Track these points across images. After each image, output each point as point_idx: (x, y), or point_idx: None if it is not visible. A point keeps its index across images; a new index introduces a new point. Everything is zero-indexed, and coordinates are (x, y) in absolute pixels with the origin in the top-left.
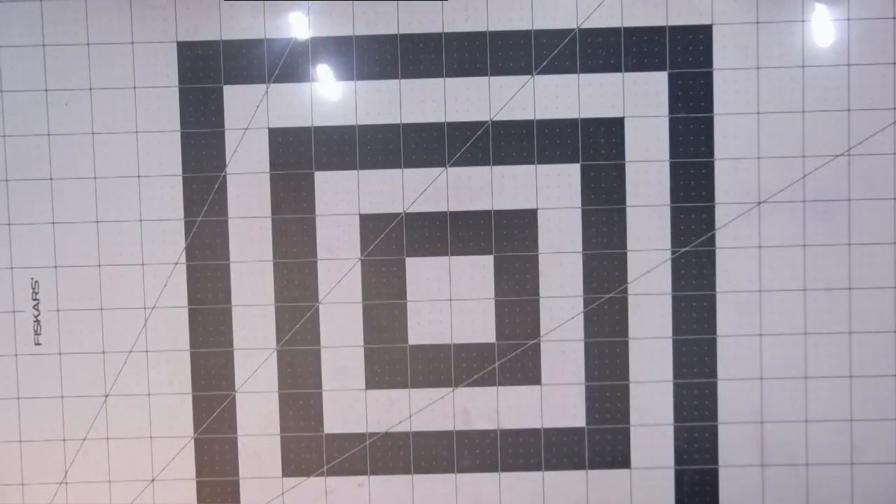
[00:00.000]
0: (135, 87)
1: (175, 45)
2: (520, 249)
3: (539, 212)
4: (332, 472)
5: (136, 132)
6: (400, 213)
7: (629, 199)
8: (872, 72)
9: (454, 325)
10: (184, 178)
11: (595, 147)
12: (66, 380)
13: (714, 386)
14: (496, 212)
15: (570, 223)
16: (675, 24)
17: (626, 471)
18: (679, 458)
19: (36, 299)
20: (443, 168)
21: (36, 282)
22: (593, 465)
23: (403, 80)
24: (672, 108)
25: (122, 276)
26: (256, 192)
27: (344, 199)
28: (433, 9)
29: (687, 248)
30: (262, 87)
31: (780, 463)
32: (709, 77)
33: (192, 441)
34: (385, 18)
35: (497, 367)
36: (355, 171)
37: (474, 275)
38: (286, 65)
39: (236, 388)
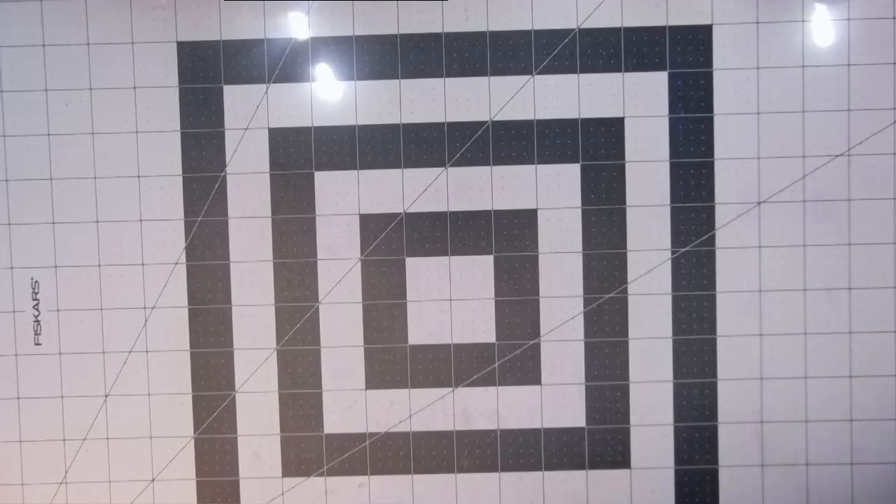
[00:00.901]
0: (135, 87)
1: (175, 45)
2: (520, 249)
3: (539, 212)
4: (332, 472)
5: (136, 132)
6: (400, 213)
7: (629, 199)
8: (872, 72)
9: (454, 325)
10: (184, 178)
11: (595, 147)
12: (66, 380)
13: (714, 386)
14: (496, 212)
15: (570, 223)
16: (675, 24)
17: (626, 471)
18: (679, 458)
19: (36, 299)
20: (443, 168)
21: (36, 282)
22: (593, 465)
23: (403, 80)
24: (672, 108)
25: (122, 276)
26: (256, 192)
27: (344, 199)
28: (433, 9)
29: (687, 248)
30: (262, 87)
31: (780, 463)
32: (709, 77)
33: (192, 441)
34: (385, 18)
35: (497, 367)
36: (355, 171)
37: (474, 275)
38: (286, 65)
39: (236, 388)
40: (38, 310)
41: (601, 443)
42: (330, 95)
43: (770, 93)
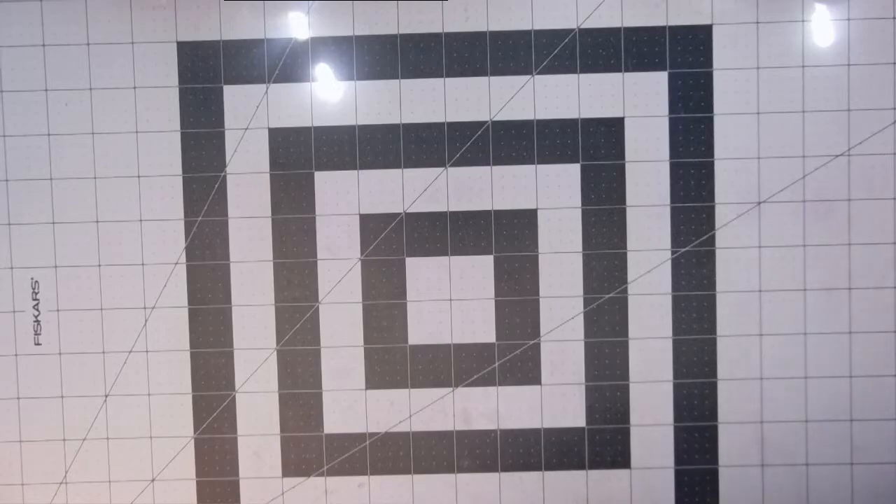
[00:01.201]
0: (135, 87)
1: (175, 45)
2: (520, 249)
3: (539, 212)
4: (332, 472)
5: (136, 132)
6: (400, 213)
7: (629, 199)
8: (872, 72)
9: (454, 325)
10: (184, 178)
11: (595, 147)
12: (66, 380)
13: (714, 386)
14: (496, 212)
15: (570, 223)
16: (675, 24)
17: (626, 471)
18: (679, 458)
19: (36, 299)
20: (443, 168)
21: (36, 282)
22: (593, 465)
23: (403, 80)
24: (672, 108)
25: (122, 276)
26: (256, 192)
27: (344, 199)
28: (433, 9)
29: (687, 248)
30: (262, 87)
31: (780, 463)
32: (709, 77)
33: (192, 441)
34: (385, 18)
35: (497, 367)
36: (355, 171)
37: (474, 275)
38: (286, 65)
39: (236, 388)
40: (38, 310)
41: (601, 443)
42: (330, 95)
43: (770, 93)
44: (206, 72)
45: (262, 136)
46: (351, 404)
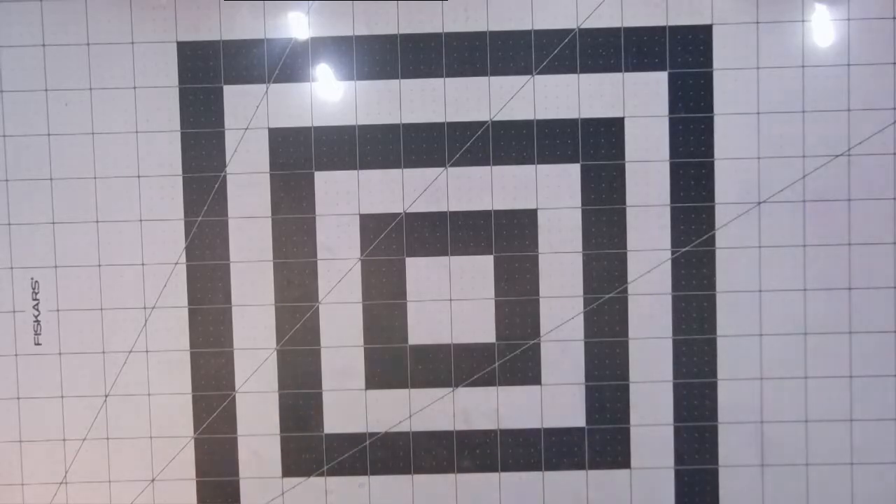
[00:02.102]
0: (135, 87)
1: (175, 45)
2: (520, 249)
3: (539, 212)
4: (332, 472)
5: (136, 132)
6: (400, 213)
7: (629, 199)
8: (872, 72)
9: (454, 325)
10: (184, 178)
11: (595, 147)
12: (66, 380)
13: (714, 386)
14: (496, 212)
15: (570, 223)
16: (675, 24)
17: (626, 471)
18: (679, 458)
19: (36, 299)
20: (443, 168)
21: (36, 282)
22: (593, 465)
23: (403, 80)
24: (672, 108)
25: (122, 276)
26: (256, 192)
27: (344, 199)
28: (433, 9)
29: (687, 248)
30: (262, 87)
31: (780, 463)
32: (709, 77)
33: (192, 441)
34: (385, 18)
35: (497, 367)
36: (355, 171)
37: (474, 275)
38: (286, 65)
39: (236, 388)
40: (38, 310)
41: (601, 443)
42: (330, 95)
43: (770, 93)
44: (206, 72)
45: (262, 136)
46: (351, 404)
